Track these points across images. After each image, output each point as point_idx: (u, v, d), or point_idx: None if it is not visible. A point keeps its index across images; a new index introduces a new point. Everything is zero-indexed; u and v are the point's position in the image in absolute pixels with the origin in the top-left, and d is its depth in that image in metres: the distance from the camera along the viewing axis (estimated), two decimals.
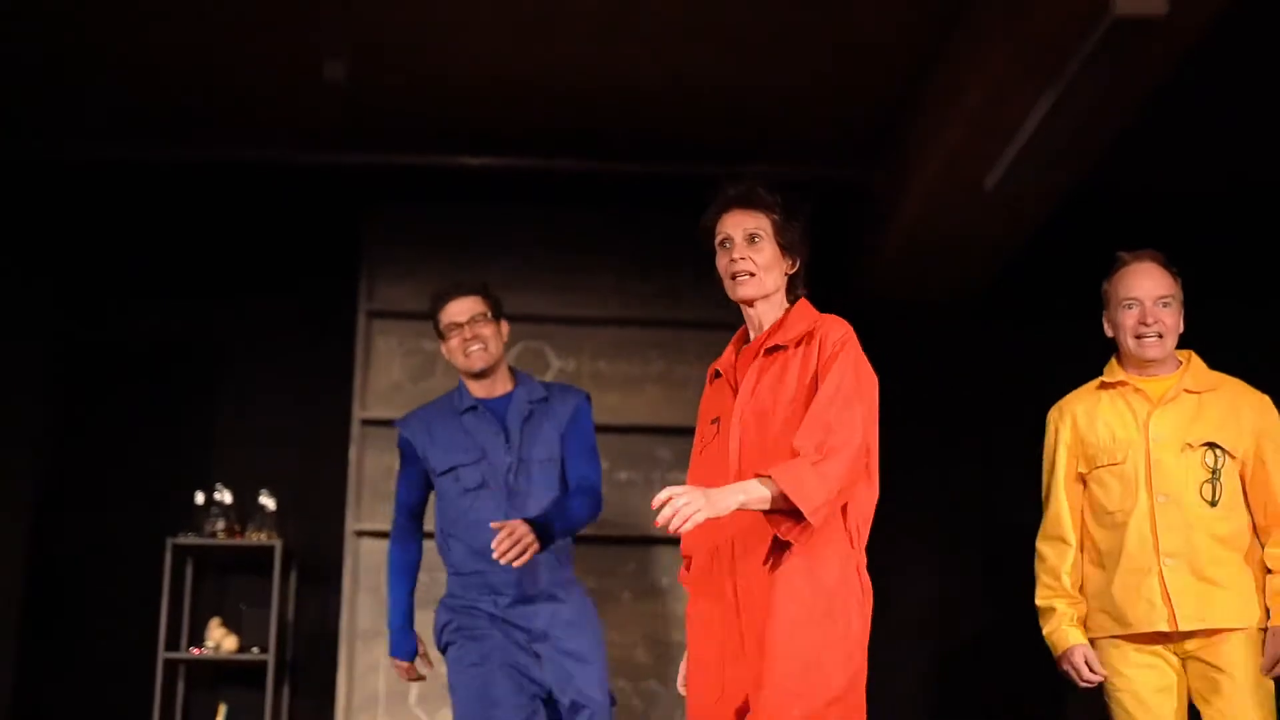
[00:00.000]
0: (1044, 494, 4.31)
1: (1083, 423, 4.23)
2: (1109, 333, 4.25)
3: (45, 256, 7.04)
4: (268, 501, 6.86)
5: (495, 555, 4.33)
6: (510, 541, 4.33)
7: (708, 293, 6.77)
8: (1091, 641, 4.14)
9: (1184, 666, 4.05)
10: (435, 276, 6.89)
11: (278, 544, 6.80)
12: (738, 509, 3.28)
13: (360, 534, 6.73)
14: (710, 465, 3.57)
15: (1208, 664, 4.00)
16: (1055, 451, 4.28)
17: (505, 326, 4.84)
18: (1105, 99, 5.32)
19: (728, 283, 3.63)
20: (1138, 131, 5.86)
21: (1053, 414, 4.35)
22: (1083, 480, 4.22)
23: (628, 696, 6.63)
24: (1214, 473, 4.06)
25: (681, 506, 3.20)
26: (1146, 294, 4.16)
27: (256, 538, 6.83)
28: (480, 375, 4.78)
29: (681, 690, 3.63)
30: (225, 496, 6.83)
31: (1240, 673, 3.98)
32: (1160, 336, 4.15)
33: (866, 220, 7.01)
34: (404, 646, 4.86)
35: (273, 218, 7.28)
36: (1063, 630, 4.16)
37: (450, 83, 6.32)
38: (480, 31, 5.90)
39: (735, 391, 3.57)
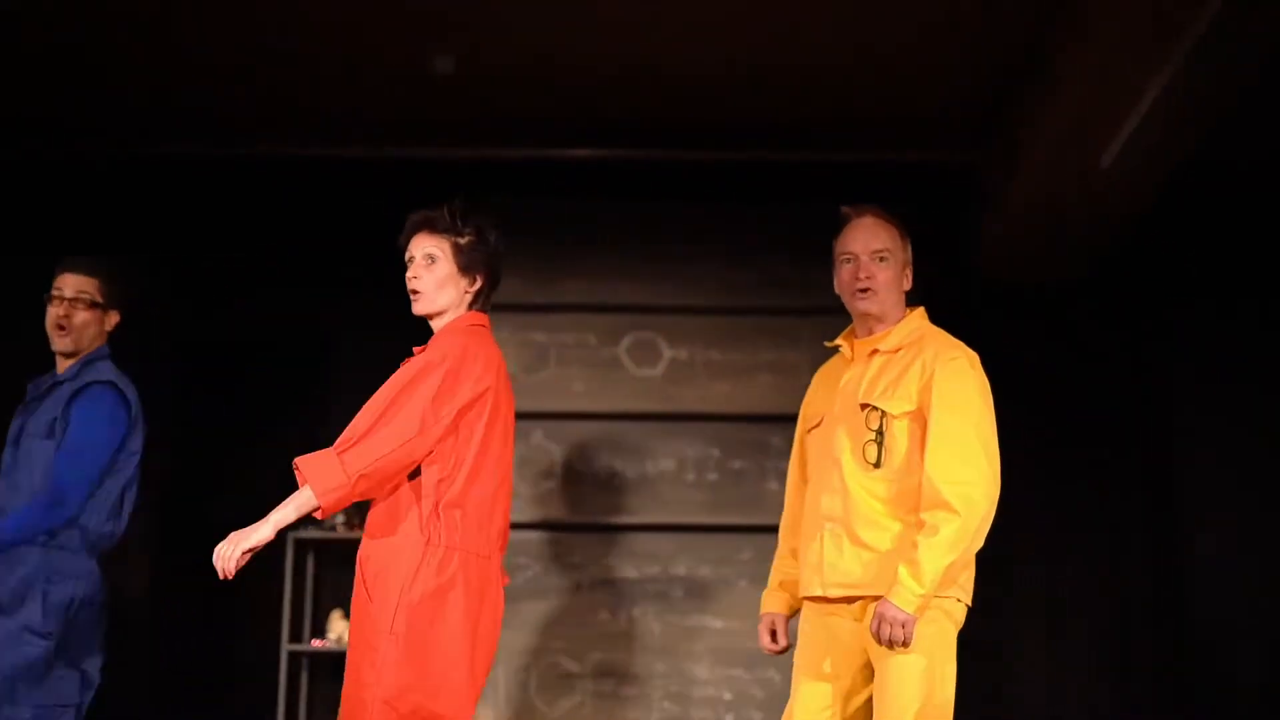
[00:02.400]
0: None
1: (812, 386, 4.17)
2: (837, 289, 4.06)
3: (168, 252, 7.16)
4: None
5: None
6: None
7: (816, 280, 6.76)
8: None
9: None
10: (544, 270, 6.95)
11: None
12: (281, 524, 3.72)
13: None
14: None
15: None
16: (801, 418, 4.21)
17: (114, 317, 4.66)
18: (1221, 73, 5.21)
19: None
20: (1254, 105, 5.75)
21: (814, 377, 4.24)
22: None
23: (747, 685, 6.62)
24: (877, 434, 3.84)
25: (218, 557, 3.60)
26: (862, 248, 3.97)
27: None
28: (67, 355, 4.61)
29: None
30: None
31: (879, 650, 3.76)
32: (872, 291, 3.95)
33: (975, 203, 6.94)
34: None
35: (384, 213, 7.33)
36: (767, 593, 4.16)
37: (556, 75, 6.34)
38: (584, 22, 5.91)
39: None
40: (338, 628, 6.92)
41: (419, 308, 4.04)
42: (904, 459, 3.80)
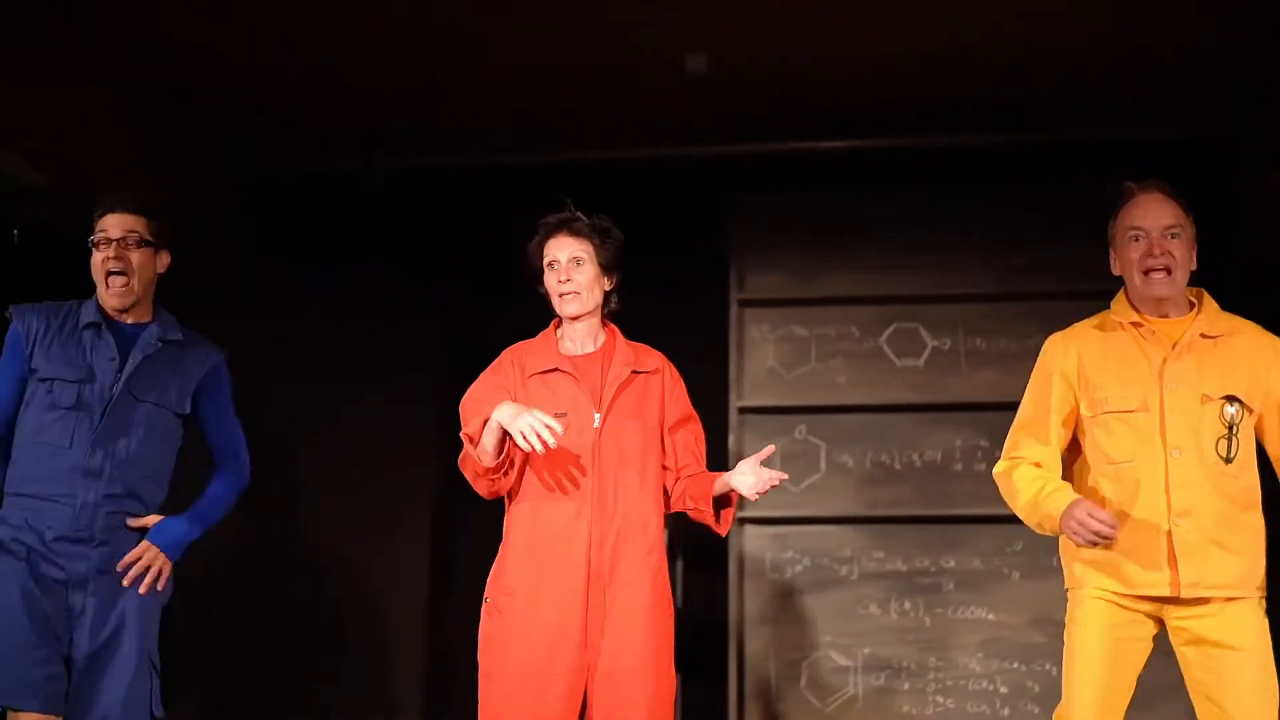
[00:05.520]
0: (1023, 423, 3.97)
1: (1090, 361, 3.89)
2: (1115, 270, 3.93)
3: (430, 261, 7.34)
4: None
5: (125, 580, 4.06)
6: (140, 567, 4.04)
7: (1081, 263, 6.60)
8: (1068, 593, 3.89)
9: (1170, 633, 3.77)
10: (804, 263, 6.94)
11: (664, 533, 6.93)
12: None
13: (743, 521, 6.80)
14: None
15: (1207, 639, 3.70)
16: (1050, 382, 3.94)
17: (166, 257, 4.37)
18: None
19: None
20: None
21: (1054, 343, 4.00)
22: (1076, 424, 3.90)
23: (1021, 678, 6.49)
24: (1231, 428, 3.73)
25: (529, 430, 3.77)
26: (1153, 224, 3.83)
27: None
28: (123, 309, 4.32)
29: None
30: None
31: (1247, 643, 3.68)
32: (1168, 271, 3.81)
33: (1244, 178, 6.68)
34: None
35: (641, 212, 7.40)
36: (1057, 491, 3.83)
37: (810, 66, 6.31)
38: (832, 11, 5.88)
39: None
40: None
41: (573, 308, 4.09)
42: (1244, 453, 3.76)
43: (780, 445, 6.88)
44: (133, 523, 4.16)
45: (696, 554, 7.12)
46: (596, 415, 3.96)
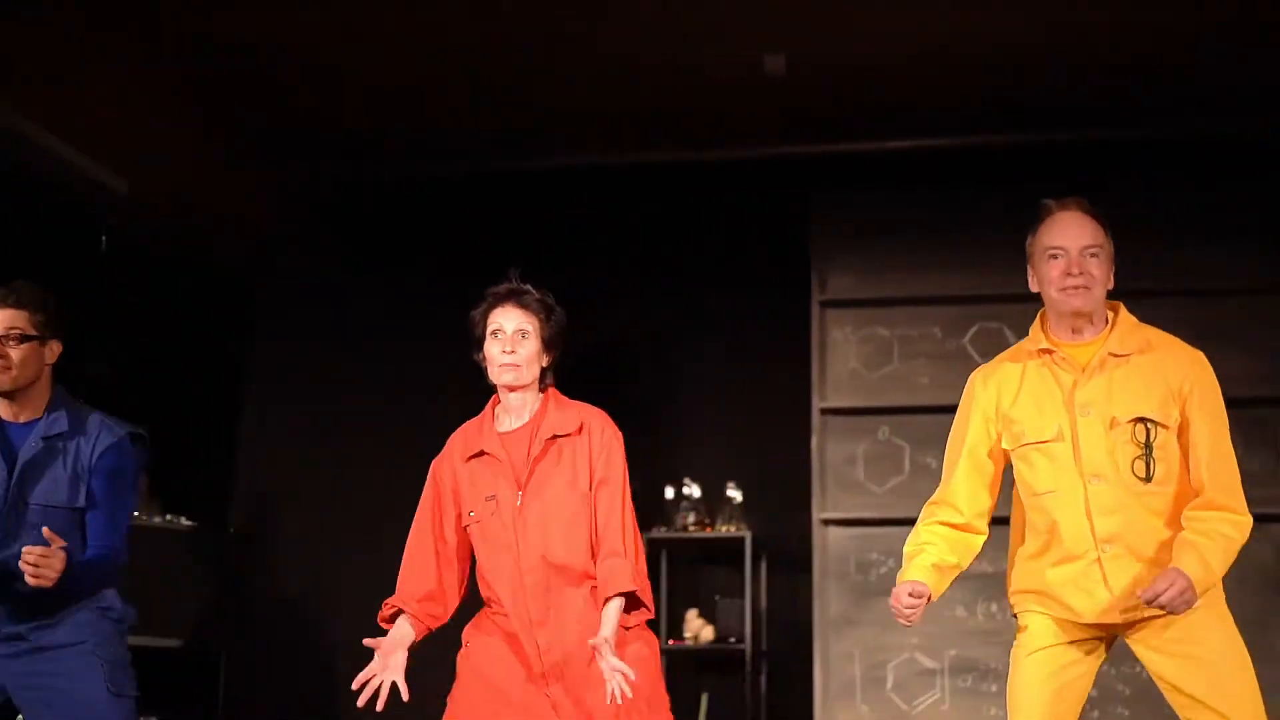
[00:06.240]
0: (945, 467, 3.92)
1: (1006, 395, 3.82)
2: (1033, 287, 3.86)
3: (519, 262, 7.36)
4: (735, 493, 7.01)
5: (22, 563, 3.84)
6: (36, 558, 3.82)
7: (1166, 261, 6.53)
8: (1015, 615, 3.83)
9: (1130, 644, 3.69)
10: (885, 262, 6.90)
11: (747, 535, 6.93)
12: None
13: (827, 523, 6.77)
14: None
15: (1166, 649, 3.61)
16: (968, 419, 3.89)
17: (56, 347, 4.20)
18: None
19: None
20: None
21: (975, 378, 3.93)
22: (1005, 457, 3.84)
23: (1111, 681, 6.41)
24: (1146, 447, 3.65)
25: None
26: (1072, 243, 3.77)
27: (726, 529, 6.99)
28: (6, 395, 4.16)
29: None
30: (694, 490, 7.02)
31: (1210, 641, 3.59)
32: (1087, 288, 3.73)
33: None
34: None
35: (721, 214, 7.41)
36: (911, 566, 3.81)
37: (889, 65, 6.28)
38: (910, 9, 5.84)
39: None
40: (693, 626, 7.01)
41: (509, 378, 4.01)
42: (1164, 468, 3.67)
43: (863, 446, 6.85)
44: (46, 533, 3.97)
45: (779, 556, 7.10)
46: (520, 494, 3.94)
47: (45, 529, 3.89)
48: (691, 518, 7.02)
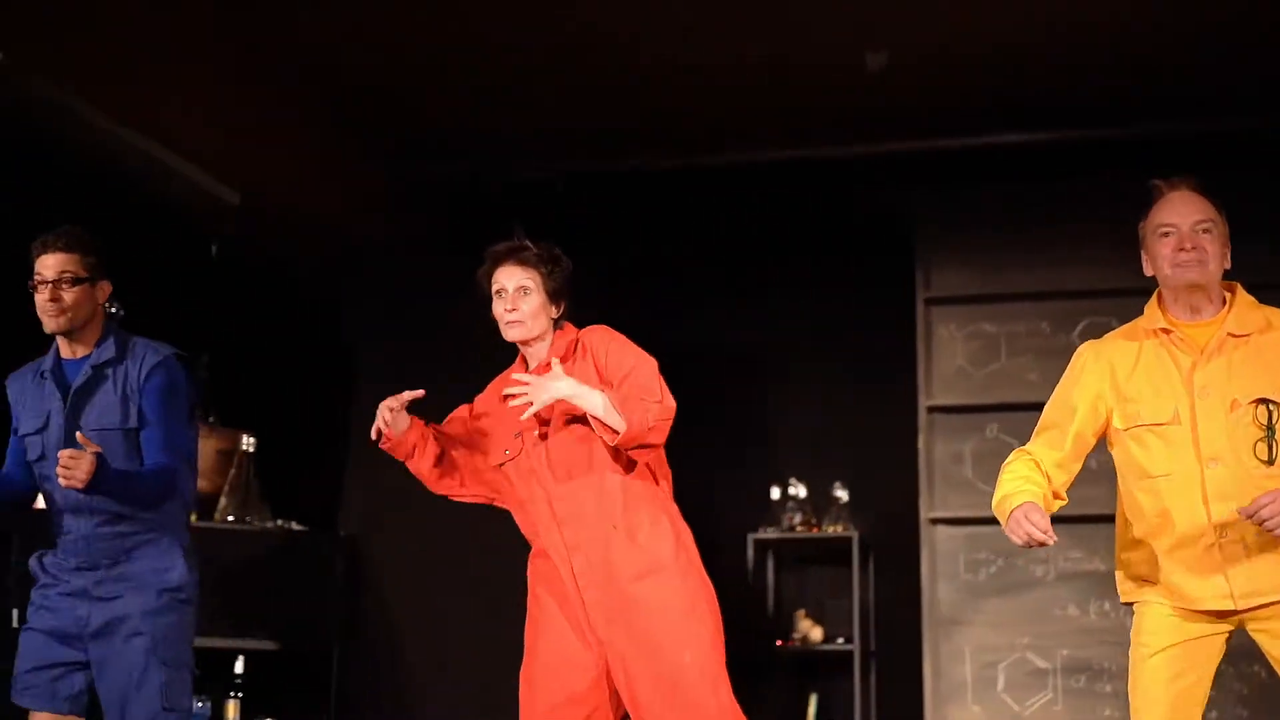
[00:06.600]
0: (1042, 427, 3.88)
1: (1121, 373, 3.74)
2: (1147, 271, 3.80)
3: (621, 263, 7.40)
4: (841, 493, 6.98)
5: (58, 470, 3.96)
6: (66, 459, 3.94)
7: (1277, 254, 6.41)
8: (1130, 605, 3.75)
9: (1250, 635, 3.63)
10: (991, 259, 6.84)
11: (854, 534, 6.91)
12: (575, 398, 4.07)
13: (934, 521, 6.72)
14: None
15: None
16: (1079, 392, 3.79)
17: (106, 287, 4.34)
18: None
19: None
20: None
21: (1085, 352, 3.84)
22: (1100, 436, 3.80)
23: (1229, 680, 6.30)
24: (1268, 429, 3.56)
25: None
26: (1183, 219, 3.71)
27: (833, 529, 6.96)
28: (64, 335, 4.33)
29: None
30: (800, 490, 7.00)
31: None
32: (1201, 262, 3.67)
33: None
34: None
35: (825, 211, 7.38)
36: (1020, 494, 3.78)
37: (990, 59, 6.22)
38: (1012, 1, 5.79)
39: None
40: (802, 627, 6.99)
41: (515, 334, 4.23)
42: None
43: (971, 444, 6.79)
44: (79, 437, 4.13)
45: (887, 555, 7.07)
46: (539, 429, 4.15)
47: (79, 433, 4.05)
48: (798, 518, 7.00)
